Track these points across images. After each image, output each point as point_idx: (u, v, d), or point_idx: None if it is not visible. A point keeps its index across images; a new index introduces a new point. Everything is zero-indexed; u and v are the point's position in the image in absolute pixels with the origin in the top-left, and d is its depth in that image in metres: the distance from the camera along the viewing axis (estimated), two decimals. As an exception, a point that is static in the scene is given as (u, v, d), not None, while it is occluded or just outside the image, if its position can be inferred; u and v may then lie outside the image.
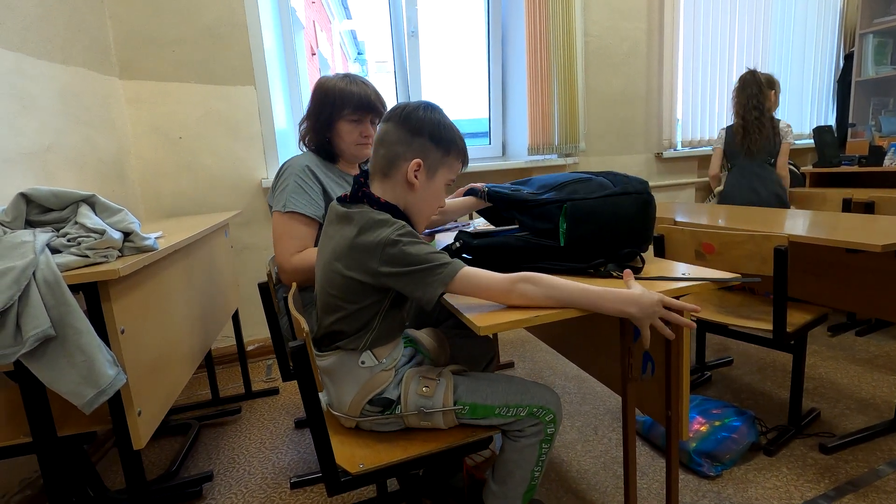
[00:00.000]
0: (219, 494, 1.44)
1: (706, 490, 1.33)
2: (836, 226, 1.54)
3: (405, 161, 0.93)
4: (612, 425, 1.67)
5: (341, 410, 1.00)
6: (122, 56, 2.05)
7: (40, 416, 1.01)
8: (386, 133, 0.94)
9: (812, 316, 1.50)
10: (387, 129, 0.95)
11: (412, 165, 0.93)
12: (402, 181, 0.94)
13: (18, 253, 0.90)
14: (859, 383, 1.85)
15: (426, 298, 0.86)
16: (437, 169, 0.97)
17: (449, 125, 0.97)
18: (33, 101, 1.52)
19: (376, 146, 0.96)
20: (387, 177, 0.95)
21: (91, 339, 0.92)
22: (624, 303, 0.84)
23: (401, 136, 0.93)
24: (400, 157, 0.93)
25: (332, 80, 1.39)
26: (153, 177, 2.17)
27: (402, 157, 0.93)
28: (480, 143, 2.98)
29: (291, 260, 1.31)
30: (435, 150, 0.95)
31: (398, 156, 0.93)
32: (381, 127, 0.96)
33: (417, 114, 0.93)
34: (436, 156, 0.95)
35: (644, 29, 2.90)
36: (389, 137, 0.94)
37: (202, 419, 1.86)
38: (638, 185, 1.11)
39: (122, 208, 1.08)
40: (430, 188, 0.97)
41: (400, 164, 0.94)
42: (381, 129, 0.96)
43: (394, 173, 0.94)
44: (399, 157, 0.93)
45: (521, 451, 1.00)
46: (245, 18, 2.17)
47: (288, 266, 1.32)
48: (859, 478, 1.35)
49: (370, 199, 0.94)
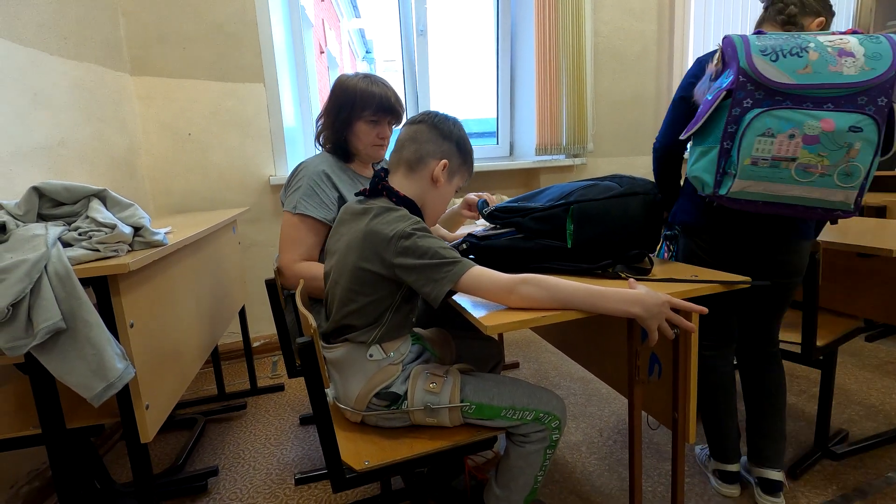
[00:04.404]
0: (224, 489, 1.45)
1: (712, 494, 1.32)
2: (847, 230, 1.52)
3: (434, 160, 1.02)
4: (617, 427, 1.66)
5: (347, 403, 1.00)
6: (133, 53, 2.07)
7: (50, 408, 1.02)
8: (419, 132, 1.02)
9: (844, 329, 1.39)
10: (420, 129, 1.03)
11: (441, 164, 1.01)
12: (428, 177, 1.02)
13: (31, 246, 0.91)
14: (868, 389, 1.83)
15: (434, 294, 0.86)
16: (455, 174, 1.06)
17: (469, 141, 1.08)
18: (46, 96, 1.53)
19: (406, 142, 1.03)
20: (413, 171, 1.02)
21: (101, 332, 0.93)
22: (628, 303, 0.84)
23: (433, 137, 1.02)
24: (430, 155, 1.01)
25: (353, 79, 1.37)
26: (163, 173, 2.19)
27: (432, 155, 1.02)
28: (488, 142, 2.98)
29: (294, 267, 1.32)
30: (457, 157, 1.05)
31: (428, 153, 1.01)
32: (413, 127, 1.03)
33: (448, 123, 1.04)
34: (457, 162, 1.05)
35: (654, 30, 2.88)
36: (422, 136, 1.02)
37: (208, 414, 1.87)
38: (645, 186, 1.10)
39: (132, 203, 1.09)
40: (446, 189, 1.05)
41: (428, 161, 1.01)
42: (412, 129, 1.03)
43: (421, 169, 1.02)
44: (429, 155, 1.01)
45: (526, 457, 1.00)
46: (255, 16, 2.18)
47: (289, 272, 1.32)
48: (868, 485, 1.33)
49: (390, 191, 0.99)
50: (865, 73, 0.90)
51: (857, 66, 0.90)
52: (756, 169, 0.95)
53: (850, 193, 0.93)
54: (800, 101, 0.92)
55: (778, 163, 0.93)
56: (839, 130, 0.89)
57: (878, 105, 0.89)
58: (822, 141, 0.90)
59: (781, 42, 0.96)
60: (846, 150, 0.89)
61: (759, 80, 0.94)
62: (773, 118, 0.92)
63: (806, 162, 0.91)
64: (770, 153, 0.93)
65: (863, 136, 0.89)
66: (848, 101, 0.90)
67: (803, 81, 0.92)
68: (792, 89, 0.93)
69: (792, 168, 0.93)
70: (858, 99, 0.90)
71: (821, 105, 0.91)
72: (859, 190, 0.93)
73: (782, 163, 0.93)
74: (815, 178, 0.92)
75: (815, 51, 0.93)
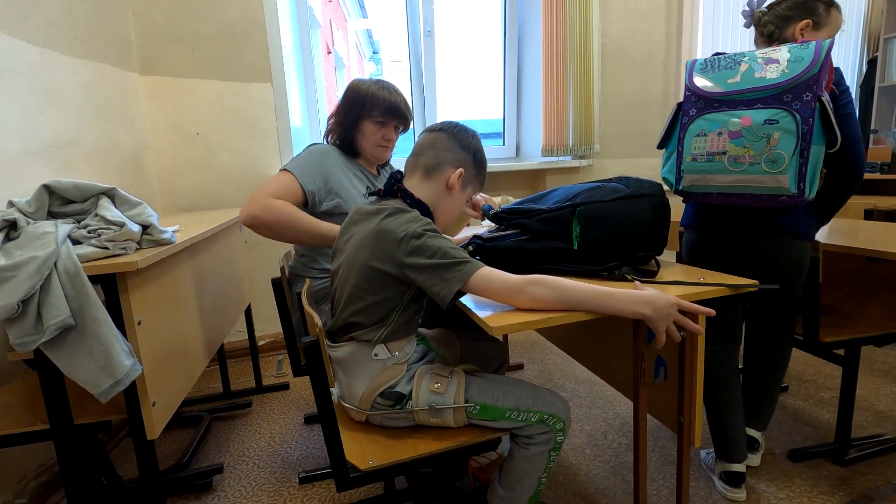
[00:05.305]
0: (228, 487, 1.46)
1: (717, 498, 1.31)
2: (856, 234, 1.51)
3: (451, 167, 1.03)
4: (621, 430, 1.66)
5: (352, 402, 1.00)
6: (142, 52, 2.09)
7: (58, 404, 1.03)
8: (438, 139, 1.05)
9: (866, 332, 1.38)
10: (440, 137, 1.05)
11: (457, 172, 1.03)
12: (443, 183, 1.04)
13: (41, 243, 0.92)
14: (877, 395, 1.82)
15: (443, 294, 0.87)
16: (469, 184, 1.08)
17: (484, 154, 1.10)
18: (57, 95, 1.55)
19: (425, 148, 1.05)
20: (429, 176, 1.04)
21: (109, 329, 0.94)
22: (637, 304, 0.84)
23: (451, 146, 1.04)
24: (447, 162, 1.03)
25: (365, 82, 1.43)
26: (170, 171, 2.20)
27: (449, 163, 1.03)
28: (494, 143, 2.97)
29: (267, 197, 1.27)
30: (473, 167, 1.07)
31: (446, 161, 1.03)
32: (434, 134, 1.06)
33: (467, 134, 1.07)
34: (472, 172, 1.07)
35: (662, 32, 2.87)
36: (441, 144, 1.04)
37: (213, 412, 1.88)
38: (652, 188, 1.10)
39: (140, 201, 1.10)
40: (459, 196, 1.07)
41: (445, 168, 1.03)
42: (432, 136, 1.06)
43: (437, 175, 1.03)
44: (446, 163, 1.03)
45: (531, 459, 1.00)
46: (264, 17, 2.20)
47: (261, 200, 1.26)
48: (875, 491, 1.32)
49: (405, 193, 1.01)
50: (784, 74, 1.04)
51: (779, 70, 1.05)
52: (696, 164, 1.13)
53: (780, 178, 1.04)
54: (734, 105, 1.09)
55: (712, 157, 1.10)
56: (756, 124, 1.04)
57: (803, 100, 1.02)
58: (745, 134, 1.05)
59: (720, 59, 1.15)
60: (766, 140, 1.03)
61: (698, 93, 1.14)
62: (705, 121, 1.12)
63: (735, 154, 1.07)
64: (705, 149, 1.12)
65: (780, 126, 1.02)
66: (775, 100, 1.05)
67: (732, 88, 1.10)
68: (724, 96, 1.11)
69: (724, 160, 1.09)
70: (784, 97, 1.04)
71: (752, 105, 1.07)
72: (798, 176, 1.03)
73: (716, 156, 1.10)
74: (746, 166, 1.06)
75: (746, 63, 1.10)
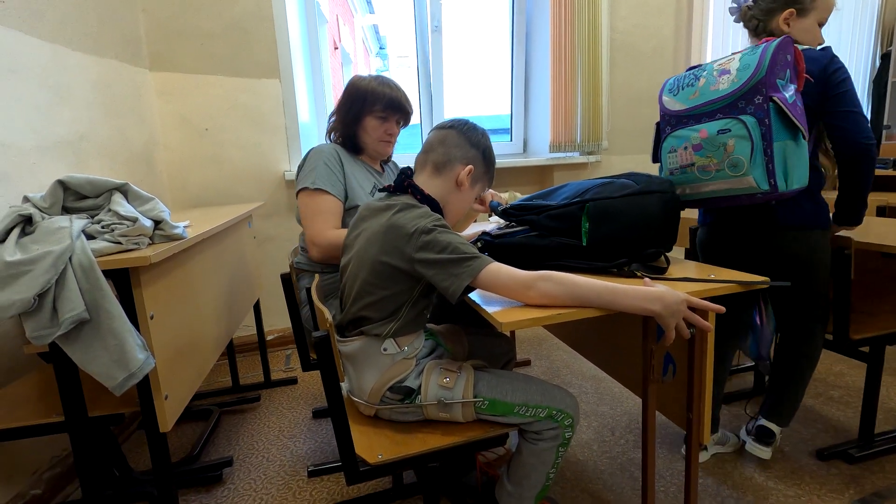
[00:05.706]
0: (238, 479, 1.48)
1: (725, 495, 1.31)
2: (868, 230, 1.49)
3: (461, 164, 1.05)
4: (629, 426, 1.66)
5: (361, 397, 1.01)
6: (152, 49, 2.10)
7: (72, 397, 1.05)
8: (449, 137, 1.06)
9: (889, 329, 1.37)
10: (450, 134, 1.06)
11: (467, 169, 1.04)
12: (453, 180, 1.05)
13: (56, 238, 0.93)
14: (889, 393, 1.80)
15: (453, 289, 0.87)
16: (478, 181, 1.09)
17: (494, 152, 1.12)
18: (68, 91, 1.56)
19: (435, 144, 1.06)
20: (439, 172, 1.05)
21: (123, 323, 0.95)
22: (647, 300, 0.84)
23: (461, 143, 1.05)
24: (457, 159, 1.05)
25: (365, 79, 1.44)
26: (180, 167, 2.22)
27: (459, 159, 1.05)
28: (501, 139, 2.97)
29: (327, 234, 1.32)
30: (482, 165, 1.08)
31: (456, 157, 1.04)
32: (444, 131, 1.07)
33: (477, 132, 1.08)
34: (481, 170, 1.08)
35: (672, 26, 2.84)
36: (451, 141, 1.05)
37: (223, 406, 1.90)
38: (662, 184, 1.09)
39: (153, 197, 1.11)
40: (468, 193, 1.08)
41: (455, 165, 1.04)
42: (442, 133, 1.07)
43: (447, 171, 1.05)
44: (456, 159, 1.04)
45: (539, 454, 1.00)
46: (272, 12, 2.20)
47: (323, 241, 1.32)
48: (887, 489, 1.31)
49: (415, 189, 1.02)
50: (734, 84, 1.09)
51: (729, 80, 1.10)
52: (674, 177, 1.21)
53: (745, 179, 1.08)
54: (698, 119, 1.15)
55: (684, 169, 1.18)
56: (711, 135, 1.10)
57: (756, 104, 1.06)
58: (705, 146, 1.12)
59: (685, 76, 1.21)
60: (723, 148, 1.09)
61: (668, 112, 1.22)
62: (673, 138, 1.19)
63: (701, 164, 1.14)
64: (677, 164, 1.19)
65: (732, 134, 1.07)
66: (731, 108, 1.10)
67: (693, 104, 1.16)
68: (688, 112, 1.17)
69: (695, 170, 1.15)
70: (739, 104, 1.08)
71: (713, 117, 1.12)
72: (767, 172, 1.06)
73: (687, 168, 1.17)
74: (714, 173, 1.12)
75: (704, 77, 1.16)
